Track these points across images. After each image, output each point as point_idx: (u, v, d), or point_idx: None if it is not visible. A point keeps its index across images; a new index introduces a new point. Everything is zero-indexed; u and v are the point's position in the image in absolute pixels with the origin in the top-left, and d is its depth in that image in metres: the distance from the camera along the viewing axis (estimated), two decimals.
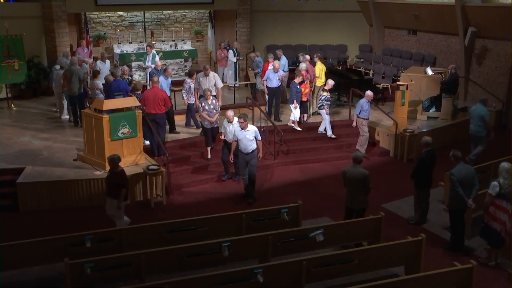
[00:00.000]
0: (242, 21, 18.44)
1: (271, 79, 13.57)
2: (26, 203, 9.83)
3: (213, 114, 11.39)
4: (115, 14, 17.49)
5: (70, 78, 12.86)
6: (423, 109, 14.18)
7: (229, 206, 9.81)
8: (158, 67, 13.30)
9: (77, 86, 12.85)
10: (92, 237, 7.38)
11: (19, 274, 7.49)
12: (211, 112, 11.36)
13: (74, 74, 12.87)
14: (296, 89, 13.01)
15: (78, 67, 13.18)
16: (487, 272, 7.85)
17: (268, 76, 13.60)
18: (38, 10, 16.17)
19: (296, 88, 13.00)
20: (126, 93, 11.59)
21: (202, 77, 12.36)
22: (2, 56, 14.05)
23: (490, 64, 15.77)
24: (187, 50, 18.02)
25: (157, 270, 7.07)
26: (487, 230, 7.95)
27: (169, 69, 12.95)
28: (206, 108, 11.35)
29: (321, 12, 19.83)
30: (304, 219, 8.79)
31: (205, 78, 12.31)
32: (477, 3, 15.37)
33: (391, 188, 11.03)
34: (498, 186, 7.71)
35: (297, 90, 13.03)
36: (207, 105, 11.36)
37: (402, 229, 9.16)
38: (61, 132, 12.71)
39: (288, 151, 12.78)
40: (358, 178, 8.27)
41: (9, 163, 10.63)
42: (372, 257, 7.32)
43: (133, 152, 10.58)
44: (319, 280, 7.18)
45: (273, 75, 13.54)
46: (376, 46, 19.99)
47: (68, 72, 12.97)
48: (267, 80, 13.67)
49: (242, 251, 7.40)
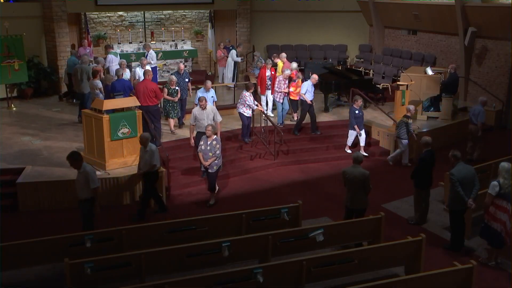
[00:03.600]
0: (242, 21, 18.45)
1: (310, 91, 12.99)
2: (26, 203, 9.83)
3: (208, 157, 9.84)
4: (115, 14, 17.51)
5: (80, 77, 13.15)
6: (423, 109, 14.19)
7: (229, 206, 9.80)
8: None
9: (87, 84, 13.10)
10: (92, 237, 7.38)
11: (19, 274, 7.49)
12: (206, 154, 9.86)
13: (84, 72, 13.11)
14: (355, 114, 12.38)
15: (88, 66, 13.47)
16: (487, 272, 7.85)
17: (308, 88, 12.94)
18: (38, 10, 16.18)
19: (354, 113, 12.38)
20: (130, 90, 11.65)
21: (198, 111, 10.68)
22: (2, 56, 14.06)
23: (490, 64, 15.77)
24: (187, 50, 18.03)
25: (157, 270, 7.07)
26: (487, 230, 7.94)
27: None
28: (202, 148, 9.87)
29: (321, 12, 19.83)
30: (304, 219, 8.79)
31: (202, 113, 10.63)
32: (477, 3, 15.37)
33: (391, 188, 11.03)
34: (498, 186, 7.71)
35: (355, 115, 12.39)
36: (205, 145, 9.86)
37: (402, 229, 9.15)
38: (61, 132, 12.71)
39: (288, 151, 12.78)
40: (358, 178, 8.27)
41: (9, 163, 10.63)
42: (372, 257, 7.32)
43: (133, 152, 10.59)
44: (319, 280, 7.17)
45: (312, 88, 13.04)
46: (376, 46, 19.99)
47: (77, 70, 13.26)
48: (306, 93, 12.89)
49: (242, 251, 7.40)
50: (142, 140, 9.44)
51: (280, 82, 13.11)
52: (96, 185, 8.15)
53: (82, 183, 8.08)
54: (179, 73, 13.00)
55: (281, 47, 19.99)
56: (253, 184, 11.28)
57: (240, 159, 12.19)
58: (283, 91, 13.12)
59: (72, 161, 8.14)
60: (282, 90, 13.09)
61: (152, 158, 9.31)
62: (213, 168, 9.93)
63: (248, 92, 12.07)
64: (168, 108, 12.38)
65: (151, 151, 9.34)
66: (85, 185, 8.07)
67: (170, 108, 12.39)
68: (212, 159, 9.83)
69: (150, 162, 9.33)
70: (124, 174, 10.21)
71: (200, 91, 11.97)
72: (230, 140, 12.62)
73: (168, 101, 12.33)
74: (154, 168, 9.42)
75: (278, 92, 13.15)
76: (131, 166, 10.44)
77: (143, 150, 9.44)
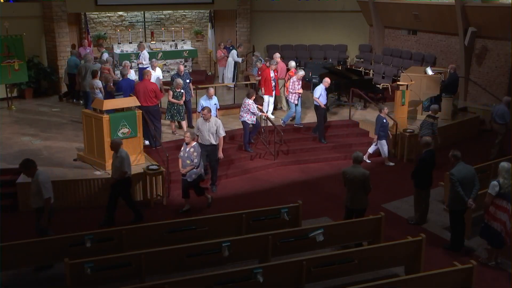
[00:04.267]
0: (242, 21, 18.45)
1: (323, 95, 12.77)
2: (26, 203, 9.79)
3: (186, 164, 9.61)
4: (115, 14, 17.51)
5: (84, 75, 13.30)
6: (423, 109, 14.19)
7: (229, 206, 9.80)
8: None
9: None
10: (92, 237, 7.39)
11: (19, 274, 7.48)
12: (184, 161, 9.64)
13: (88, 70, 13.26)
14: (382, 122, 12.12)
15: (92, 64, 13.65)
16: (487, 272, 7.85)
17: (321, 92, 12.71)
18: (38, 10, 16.17)
19: (382, 122, 12.11)
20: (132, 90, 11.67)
21: (201, 122, 10.37)
22: (2, 56, 14.06)
23: (490, 64, 15.77)
24: (187, 50, 18.02)
25: (157, 270, 7.07)
26: (487, 230, 7.94)
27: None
28: (181, 154, 9.69)
29: (321, 12, 19.83)
30: (304, 219, 8.79)
31: (205, 124, 10.27)
32: (477, 3, 15.37)
33: (391, 188, 11.03)
34: (498, 186, 7.71)
35: (382, 123, 12.11)
36: (184, 151, 9.64)
37: (402, 229, 9.15)
38: (61, 132, 12.71)
39: (288, 151, 12.78)
40: (358, 178, 8.27)
41: (9, 163, 10.62)
42: (372, 257, 7.32)
43: (133, 152, 10.57)
44: (319, 280, 7.17)
45: (325, 91, 12.78)
46: (376, 46, 19.99)
47: (82, 69, 13.44)
48: (320, 97, 12.69)
49: (242, 251, 7.40)
50: (113, 145, 9.05)
51: (294, 83, 12.99)
52: (47, 196, 7.69)
53: (34, 191, 7.74)
54: (179, 75, 12.85)
55: (281, 47, 20.00)
56: (253, 184, 11.28)
57: (240, 159, 12.20)
58: (298, 91, 13.04)
59: (23, 169, 7.93)
60: (297, 91, 13.02)
61: (121, 165, 8.86)
62: (192, 176, 9.62)
63: (250, 100, 11.88)
64: (173, 111, 12.13)
65: (121, 157, 8.90)
66: (36, 194, 7.71)
67: (175, 111, 12.13)
68: (190, 168, 9.53)
69: (120, 169, 8.89)
70: None
71: (203, 99, 11.68)
72: (230, 140, 12.62)
73: (173, 104, 12.08)
74: (125, 175, 8.96)
75: (293, 93, 13.04)
76: (131, 166, 10.42)
77: (114, 156, 9.06)
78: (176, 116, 12.21)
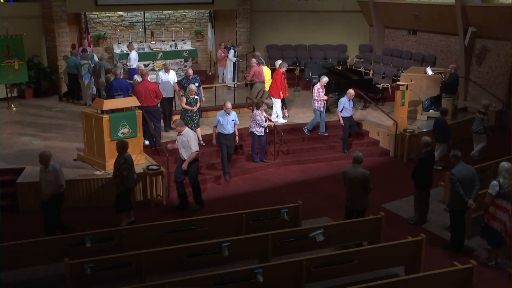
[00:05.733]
0: (242, 21, 18.45)
1: (347, 108, 12.44)
2: (26, 203, 9.82)
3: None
4: (115, 14, 17.51)
5: (98, 72, 13.54)
6: (423, 109, 14.18)
7: (229, 206, 9.80)
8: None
9: None
10: (92, 237, 7.39)
11: (19, 274, 7.49)
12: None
13: (101, 68, 13.50)
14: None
15: (105, 62, 13.93)
16: (487, 272, 7.85)
17: (344, 105, 12.40)
18: (38, 10, 16.18)
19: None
20: (127, 91, 11.61)
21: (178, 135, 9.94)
22: (2, 56, 14.08)
23: (490, 64, 15.77)
24: (187, 50, 18.03)
25: (157, 270, 7.07)
26: (487, 230, 7.94)
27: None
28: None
29: (321, 12, 19.83)
30: (304, 219, 8.79)
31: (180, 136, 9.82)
32: (477, 3, 15.36)
33: (391, 188, 11.03)
34: (498, 185, 7.71)
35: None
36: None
37: (402, 229, 9.15)
38: (61, 132, 12.72)
39: (288, 151, 12.78)
40: (358, 179, 8.26)
41: (9, 163, 10.63)
42: (372, 257, 7.32)
43: (133, 152, 10.55)
44: (319, 280, 7.17)
45: (348, 103, 12.46)
46: (376, 46, 19.99)
47: (96, 66, 13.76)
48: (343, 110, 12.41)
49: (242, 251, 7.40)
50: (42, 159, 8.27)
51: (318, 90, 12.86)
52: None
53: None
54: (188, 79, 12.61)
55: (281, 47, 20.01)
56: (253, 184, 11.29)
57: (240, 159, 12.20)
58: (323, 99, 12.94)
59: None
60: (322, 98, 12.91)
61: (57, 178, 8.21)
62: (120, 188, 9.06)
63: (258, 111, 11.62)
64: (186, 118, 11.65)
65: (54, 170, 8.20)
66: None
67: (189, 119, 11.66)
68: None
69: (56, 183, 8.21)
70: None
71: (220, 115, 11.06)
72: None
73: (187, 111, 11.65)
74: (61, 189, 8.31)
75: (318, 100, 12.92)
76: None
77: (44, 171, 8.26)
78: (190, 124, 11.62)
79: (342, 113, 12.45)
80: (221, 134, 11.13)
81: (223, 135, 11.12)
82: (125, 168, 8.86)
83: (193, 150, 9.61)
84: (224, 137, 11.12)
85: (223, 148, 11.23)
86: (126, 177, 8.91)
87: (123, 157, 8.89)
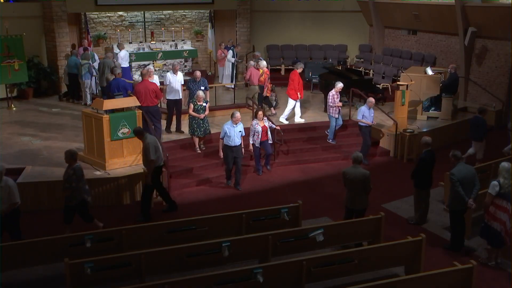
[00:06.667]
0: (242, 21, 18.45)
1: (367, 116, 12.12)
2: (26, 203, 9.79)
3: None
4: (115, 14, 17.51)
5: (103, 71, 13.60)
6: (423, 109, 14.18)
7: (229, 206, 9.80)
8: None
9: None
10: (92, 237, 7.39)
11: (19, 274, 7.48)
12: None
13: (106, 66, 13.54)
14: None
15: (110, 60, 13.88)
16: (487, 272, 7.85)
17: (364, 113, 12.05)
18: (38, 10, 16.17)
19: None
20: (126, 91, 11.60)
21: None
22: (2, 56, 14.07)
23: (490, 64, 15.76)
24: (187, 50, 18.03)
25: (157, 270, 7.07)
26: (487, 230, 7.94)
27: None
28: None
29: (322, 12, 19.83)
30: (304, 219, 8.79)
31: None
32: (477, 3, 15.37)
33: (391, 188, 11.03)
34: (498, 185, 7.71)
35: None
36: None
37: (402, 229, 9.15)
38: (61, 132, 12.71)
39: (288, 151, 12.78)
40: (358, 179, 8.26)
41: (9, 163, 10.61)
42: (372, 257, 7.32)
43: (133, 152, 10.59)
44: (319, 280, 7.17)
45: (368, 111, 12.10)
46: (376, 46, 19.99)
47: (101, 65, 13.89)
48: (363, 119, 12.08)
49: (242, 251, 7.40)
50: None
51: (333, 96, 12.71)
52: None
53: None
54: (195, 81, 12.41)
55: (281, 47, 20.01)
56: (253, 184, 11.28)
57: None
58: (338, 105, 12.80)
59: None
60: (337, 104, 12.78)
61: (10, 195, 7.67)
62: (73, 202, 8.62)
63: (254, 120, 11.38)
64: (194, 125, 11.49)
65: (7, 186, 7.64)
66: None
67: (196, 126, 11.48)
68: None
69: (9, 200, 7.65)
70: (124, 174, 10.21)
71: (227, 125, 10.63)
72: None
73: (194, 118, 11.44)
74: (15, 206, 7.76)
75: (333, 106, 12.79)
76: (131, 166, 10.44)
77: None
78: (197, 131, 11.53)
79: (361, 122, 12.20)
80: (228, 147, 10.62)
81: (229, 148, 10.61)
82: (74, 180, 8.34)
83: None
84: (231, 149, 10.62)
85: (229, 161, 10.77)
86: (76, 189, 8.38)
87: (72, 168, 8.38)
